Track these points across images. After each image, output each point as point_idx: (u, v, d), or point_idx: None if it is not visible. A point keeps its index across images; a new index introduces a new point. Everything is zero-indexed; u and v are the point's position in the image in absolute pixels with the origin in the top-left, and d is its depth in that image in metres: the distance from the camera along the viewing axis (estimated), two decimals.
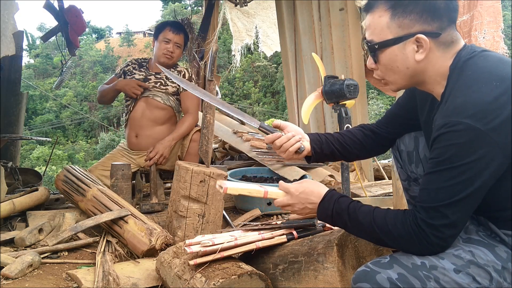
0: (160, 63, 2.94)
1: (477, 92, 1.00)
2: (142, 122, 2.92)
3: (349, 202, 1.18)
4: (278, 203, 1.31)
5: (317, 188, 1.25)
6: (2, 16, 2.17)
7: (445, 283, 1.01)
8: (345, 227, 1.20)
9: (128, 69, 3.05)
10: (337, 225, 1.22)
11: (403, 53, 1.12)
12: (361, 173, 3.43)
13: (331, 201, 1.20)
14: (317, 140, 1.47)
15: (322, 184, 1.29)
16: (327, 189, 1.25)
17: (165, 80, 2.94)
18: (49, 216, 2.33)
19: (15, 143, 4.44)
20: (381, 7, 1.13)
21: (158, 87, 2.91)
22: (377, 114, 21.39)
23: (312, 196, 1.24)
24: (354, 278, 1.09)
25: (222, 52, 24.59)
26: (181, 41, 2.96)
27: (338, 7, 3.63)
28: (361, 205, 1.16)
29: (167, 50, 2.91)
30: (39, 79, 39.82)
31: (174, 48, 2.93)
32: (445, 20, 1.09)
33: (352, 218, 1.15)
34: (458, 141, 0.97)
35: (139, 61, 3.10)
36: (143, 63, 3.06)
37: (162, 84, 2.93)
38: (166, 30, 2.93)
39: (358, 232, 1.18)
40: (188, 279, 1.40)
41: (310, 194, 1.24)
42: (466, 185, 0.98)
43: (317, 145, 1.47)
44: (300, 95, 4.00)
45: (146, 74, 2.97)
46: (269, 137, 1.42)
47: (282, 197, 1.31)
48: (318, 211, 1.23)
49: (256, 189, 1.34)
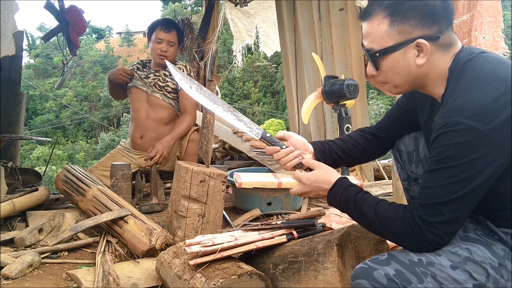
0: (157, 64, 2.97)
1: (477, 93, 1.01)
2: (148, 123, 2.94)
3: (357, 192, 1.20)
4: (293, 192, 1.35)
5: (328, 176, 1.28)
6: (2, 16, 2.17)
7: (442, 279, 1.02)
8: (351, 216, 1.23)
9: (133, 68, 3.08)
10: (344, 211, 1.25)
11: (404, 59, 1.13)
12: (361, 173, 3.43)
13: (340, 189, 1.23)
14: (321, 150, 1.48)
15: (334, 170, 1.31)
16: (338, 177, 1.28)
17: (164, 77, 2.96)
18: (49, 216, 2.33)
19: (15, 143, 4.44)
20: (379, 15, 1.13)
21: (155, 82, 2.93)
22: (377, 114, 21.40)
23: (323, 184, 1.28)
24: (352, 275, 1.10)
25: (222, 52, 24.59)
26: (173, 39, 2.94)
27: (338, 7, 3.63)
28: (368, 196, 1.18)
29: (161, 50, 2.90)
30: (39, 79, 39.84)
31: (167, 47, 2.92)
32: (443, 23, 1.10)
33: (357, 208, 1.17)
34: (458, 141, 0.98)
35: (143, 62, 3.12)
36: (147, 64, 3.09)
37: (160, 80, 2.94)
38: (157, 30, 2.92)
39: (361, 222, 1.21)
40: (188, 279, 1.40)
41: (321, 182, 1.28)
42: (464, 184, 0.99)
43: (321, 155, 1.48)
44: (300, 95, 3.99)
45: (147, 72, 3.00)
46: (269, 150, 1.43)
47: (295, 186, 1.35)
48: (328, 198, 1.28)
49: (270, 181, 1.37)
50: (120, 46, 48.70)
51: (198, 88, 1.44)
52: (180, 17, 4.59)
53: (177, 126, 2.86)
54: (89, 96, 39.38)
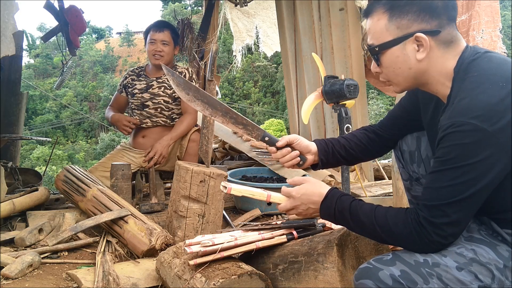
0: (153, 66, 2.93)
1: (483, 93, 1.00)
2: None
3: (351, 200, 1.18)
4: (282, 208, 1.31)
5: (318, 188, 1.25)
6: (2, 16, 2.17)
7: (447, 280, 1.01)
8: (348, 226, 1.21)
9: (127, 81, 3.01)
10: (340, 223, 1.22)
11: (404, 54, 1.13)
12: (361, 173, 3.43)
13: (333, 200, 1.20)
14: (325, 151, 1.48)
15: (323, 183, 1.29)
16: (329, 188, 1.25)
17: (168, 83, 2.91)
18: (49, 216, 2.33)
19: (15, 143, 4.44)
20: (379, 11, 1.15)
21: (163, 91, 2.90)
22: (377, 114, 21.40)
23: (314, 196, 1.24)
24: (356, 275, 1.09)
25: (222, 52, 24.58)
26: (167, 38, 2.91)
27: (338, 7, 3.63)
28: (363, 203, 1.16)
29: (155, 50, 2.88)
30: (39, 79, 39.83)
31: (162, 47, 2.89)
32: (444, 18, 1.10)
33: (354, 217, 1.15)
34: (464, 141, 0.98)
35: (136, 71, 3.05)
36: (140, 72, 3.03)
37: (166, 87, 2.91)
38: (151, 32, 2.91)
39: (360, 230, 1.18)
40: (188, 279, 1.40)
41: (312, 194, 1.24)
42: (469, 185, 0.99)
43: (324, 155, 1.48)
44: (300, 95, 3.99)
45: (147, 82, 2.94)
46: (270, 149, 1.45)
47: (284, 201, 1.31)
48: (321, 210, 1.24)
49: (259, 192, 1.35)
50: (120, 46, 48.67)
51: (196, 93, 1.42)
52: (180, 17, 4.59)
53: (177, 126, 2.85)
54: (89, 96, 39.35)
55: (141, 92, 2.92)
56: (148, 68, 3.03)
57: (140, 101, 2.93)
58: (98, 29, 55.66)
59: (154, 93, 2.90)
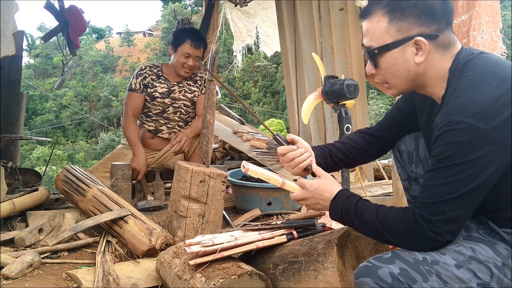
0: (179, 76, 2.89)
1: (478, 92, 1.01)
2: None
3: (357, 200, 1.20)
4: (293, 196, 1.34)
5: (331, 186, 1.27)
6: (2, 16, 2.17)
7: (446, 278, 1.02)
8: (353, 225, 1.22)
9: (148, 81, 2.89)
10: (346, 222, 1.24)
11: (403, 57, 1.13)
12: (361, 173, 3.43)
13: (341, 199, 1.22)
14: (322, 155, 1.48)
15: (337, 182, 1.30)
16: (340, 188, 1.27)
17: (189, 86, 2.93)
18: (49, 216, 2.33)
19: (15, 143, 4.44)
20: (378, 13, 1.14)
21: (183, 95, 2.89)
22: (377, 114, 21.41)
23: (325, 193, 1.26)
24: (356, 273, 1.10)
25: (222, 52, 24.60)
26: (200, 54, 2.88)
27: (338, 7, 3.63)
28: (368, 203, 1.18)
29: (187, 65, 2.82)
30: (39, 79, 39.85)
31: (194, 62, 2.82)
32: (442, 22, 1.11)
33: (358, 215, 1.17)
34: (459, 140, 0.98)
35: (153, 71, 2.92)
36: (159, 73, 2.92)
37: (186, 91, 2.91)
38: (186, 44, 2.79)
39: (364, 229, 1.20)
40: (188, 279, 1.40)
41: (324, 190, 1.27)
42: (466, 183, 0.99)
43: (323, 160, 1.48)
44: (300, 95, 3.99)
45: (168, 87, 2.89)
46: (283, 149, 1.38)
47: (297, 191, 1.33)
48: (330, 209, 1.26)
49: (275, 177, 1.36)
50: (120, 46, 48.71)
51: None
52: (180, 17, 4.60)
53: (194, 123, 2.86)
54: (89, 96, 39.37)
55: (162, 97, 2.87)
56: (166, 69, 2.94)
57: (161, 108, 2.89)
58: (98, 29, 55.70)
59: (175, 98, 2.89)
